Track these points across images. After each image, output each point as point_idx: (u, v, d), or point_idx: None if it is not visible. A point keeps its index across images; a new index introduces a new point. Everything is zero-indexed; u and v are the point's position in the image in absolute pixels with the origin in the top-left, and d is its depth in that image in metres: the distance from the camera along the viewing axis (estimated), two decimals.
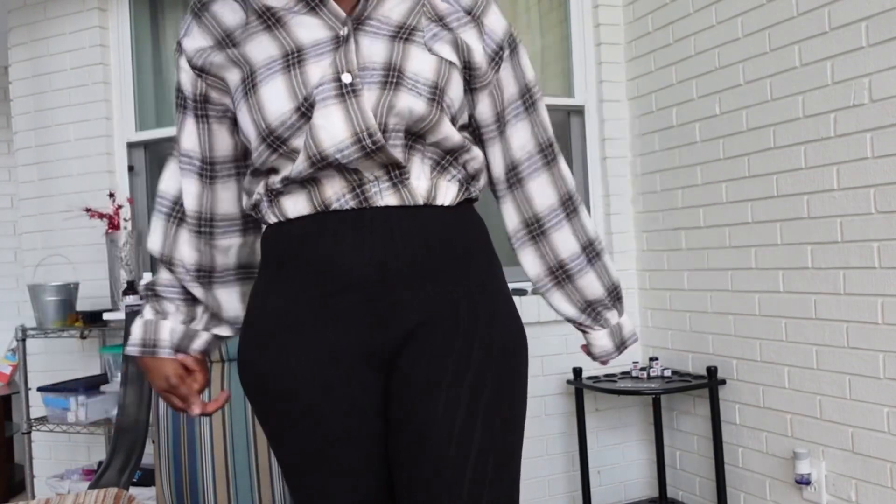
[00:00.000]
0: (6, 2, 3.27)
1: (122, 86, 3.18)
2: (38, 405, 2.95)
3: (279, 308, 1.10)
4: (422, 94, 1.04)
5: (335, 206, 1.06)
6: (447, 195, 1.10)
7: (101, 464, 1.96)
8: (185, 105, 1.17)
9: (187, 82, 1.15)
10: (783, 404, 2.41)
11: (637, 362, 2.85)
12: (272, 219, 1.11)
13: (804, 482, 2.30)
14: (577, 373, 2.80)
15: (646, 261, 2.97)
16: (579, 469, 2.86)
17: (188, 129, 1.17)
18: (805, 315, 2.31)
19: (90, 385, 2.88)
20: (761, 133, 2.42)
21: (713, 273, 2.64)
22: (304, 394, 1.08)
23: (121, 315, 2.76)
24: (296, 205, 1.08)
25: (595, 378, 2.82)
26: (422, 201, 1.07)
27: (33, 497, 2.98)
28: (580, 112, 3.07)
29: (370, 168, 1.05)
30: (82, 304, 3.01)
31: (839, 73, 2.15)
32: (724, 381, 2.60)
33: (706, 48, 2.61)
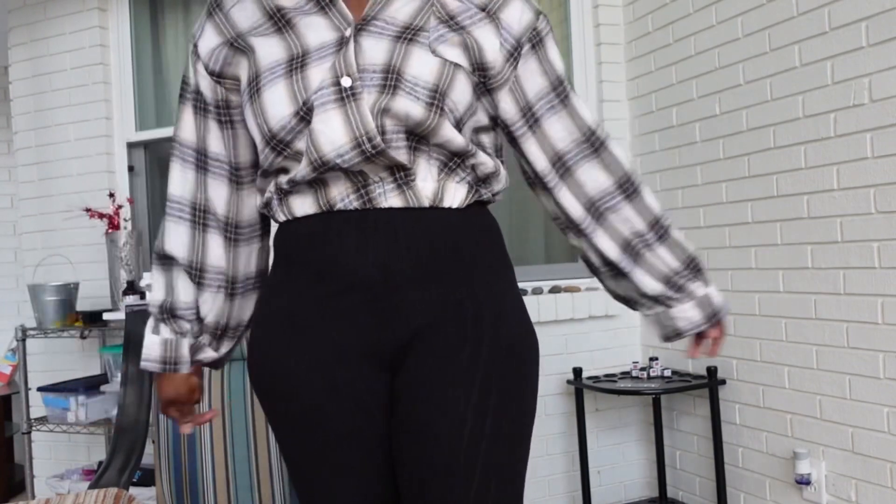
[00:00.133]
0: (6, 2, 3.27)
1: (122, 86, 3.18)
2: (38, 405, 2.95)
3: (285, 307, 1.11)
4: (420, 97, 1.03)
5: (339, 206, 1.06)
6: (455, 197, 1.08)
7: (101, 464, 1.96)
8: (207, 110, 1.16)
9: (207, 88, 1.15)
10: (783, 404, 2.40)
11: (637, 362, 2.85)
12: (281, 217, 1.12)
13: (804, 482, 2.30)
14: (577, 373, 2.80)
15: None
16: (579, 469, 2.86)
17: (213, 134, 1.17)
18: (805, 315, 2.31)
19: (90, 385, 2.88)
20: (761, 133, 2.42)
21: (713, 273, 2.64)
22: (308, 393, 1.08)
23: (121, 315, 2.76)
24: (303, 204, 1.09)
25: (595, 378, 2.82)
26: (427, 203, 1.06)
27: (33, 497, 2.98)
28: None
29: (374, 170, 1.05)
30: (82, 304, 3.01)
31: (839, 73, 2.15)
32: (724, 381, 2.60)
33: (706, 48, 2.61)
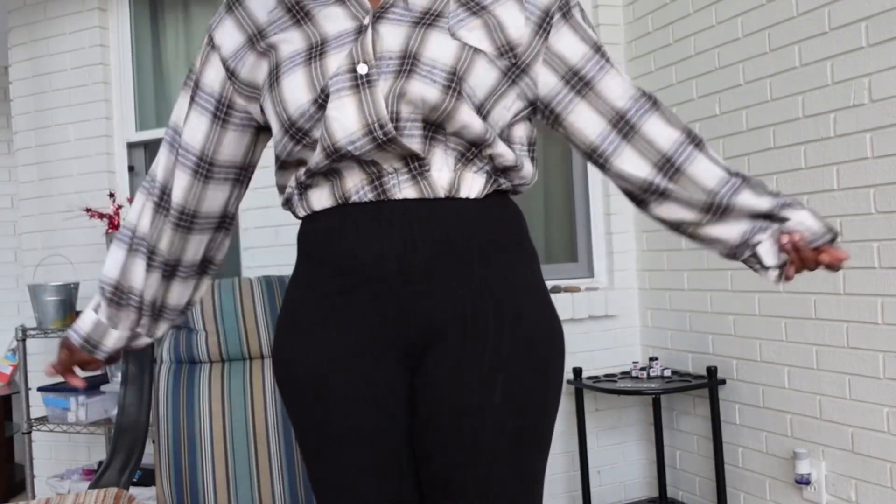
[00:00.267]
0: (6, 2, 3.27)
1: (122, 86, 3.18)
2: (38, 405, 2.96)
3: (306, 302, 1.11)
4: (436, 80, 1.01)
5: (354, 198, 1.05)
6: (472, 187, 1.06)
7: (101, 464, 1.96)
8: (203, 101, 1.16)
9: (214, 80, 1.15)
10: (783, 404, 2.40)
11: (637, 362, 2.85)
12: (301, 212, 1.12)
13: (804, 482, 2.30)
14: (577, 373, 2.80)
15: (646, 261, 2.97)
16: (579, 469, 2.86)
17: (194, 124, 1.16)
18: (805, 315, 2.31)
19: (90, 385, 2.88)
20: (761, 133, 2.42)
21: (713, 273, 2.64)
22: (327, 389, 1.08)
23: None
24: (320, 198, 1.09)
25: (595, 378, 2.82)
26: (443, 194, 1.05)
27: (33, 497, 2.98)
28: None
29: (388, 160, 1.04)
30: (82, 304, 3.01)
31: (839, 73, 2.15)
32: (724, 381, 2.60)
33: (706, 48, 2.61)
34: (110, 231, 2.86)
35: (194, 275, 1.27)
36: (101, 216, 2.86)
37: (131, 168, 3.14)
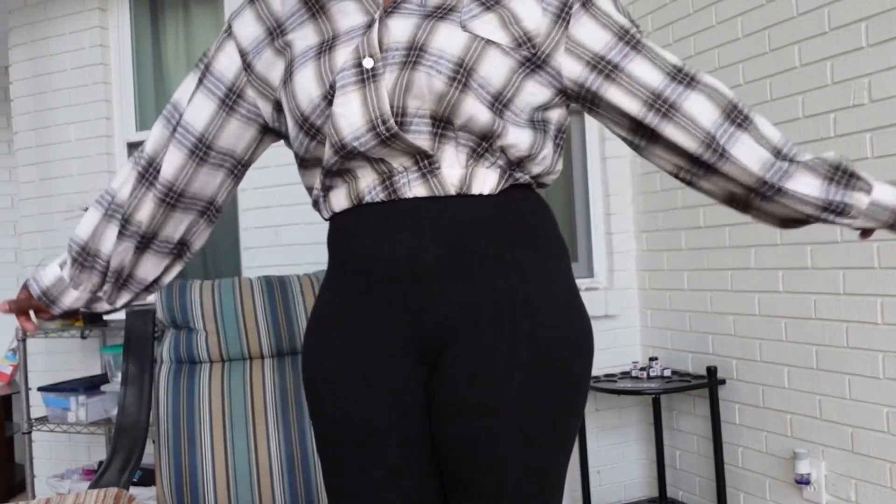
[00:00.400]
0: (6, 2, 3.27)
1: (122, 86, 3.18)
2: (38, 405, 2.96)
3: (327, 304, 1.12)
4: (442, 71, 1.00)
5: (367, 199, 1.05)
6: (485, 183, 1.04)
7: (101, 464, 1.96)
8: (212, 85, 1.16)
9: (229, 68, 1.16)
10: (783, 404, 2.41)
11: (637, 362, 2.85)
12: (325, 214, 1.12)
13: (804, 482, 2.30)
14: None
15: (646, 261, 2.98)
16: (579, 469, 2.86)
17: (199, 106, 1.16)
18: (805, 315, 2.31)
19: (90, 385, 2.88)
20: None
21: (713, 273, 2.64)
22: (345, 388, 1.08)
23: (121, 315, 2.76)
24: (339, 199, 1.09)
25: (595, 378, 2.82)
26: (454, 191, 1.03)
27: (33, 497, 2.99)
28: (580, 112, 3.07)
29: (397, 158, 1.03)
30: None
31: (839, 73, 2.15)
32: (723, 381, 2.60)
33: (706, 48, 2.61)
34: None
35: (168, 253, 1.26)
36: None
37: None
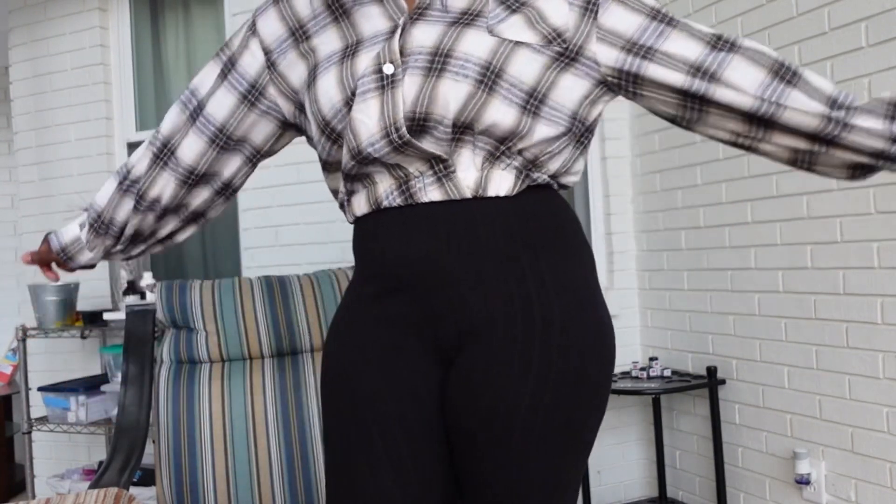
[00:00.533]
0: (6, 2, 3.27)
1: (122, 86, 3.18)
2: (38, 405, 2.96)
3: (348, 307, 1.14)
4: (468, 74, 0.99)
5: (385, 203, 1.06)
6: (501, 185, 1.03)
7: (101, 464, 1.96)
8: (234, 81, 1.18)
9: (252, 65, 1.17)
10: (783, 404, 2.41)
11: (637, 362, 2.85)
12: (349, 218, 1.14)
13: (804, 482, 2.30)
14: None
15: (646, 261, 2.98)
16: None
17: (221, 99, 1.19)
18: (805, 315, 2.31)
19: (90, 385, 2.88)
20: None
21: (713, 273, 2.64)
22: (360, 385, 1.08)
23: (121, 315, 2.76)
24: (360, 204, 1.10)
25: None
26: (469, 194, 1.02)
27: (33, 497, 2.99)
28: None
29: (412, 163, 1.03)
30: (82, 304, 3.02)
31: (839, 73, 2.15)
32: (723, 381, 2.60)
33: None
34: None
35: (183, 219, 1.32)
36: None
37: None
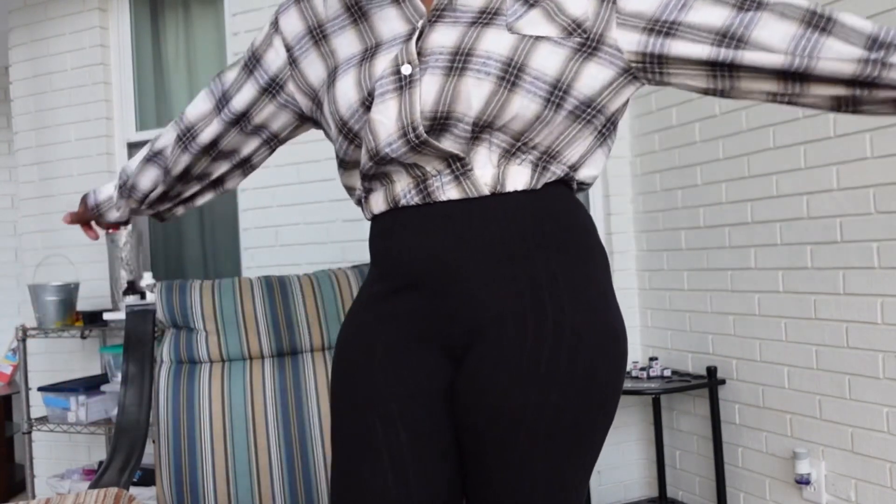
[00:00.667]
0: (6, 2, 3.27)
1: (122, 86, 3.18)
2: (38, 405, 2.96)
3: (362, 303, 1.15)
4: (491, 72, 0.99)
5: (403, 202, 1.07)
6: (518, 180, 1.03)
7: (101, 463, 1.96)
8: (258, 75, 1.23)
9: (275, 61, 1.21)
10: (783, 404, 2.41)
11: (637, 362, 2.85)
12: (367, 216, 1.15)
13: (804, 482, 2.30)
14: None
15: (646, 261, 2.98)
16: None
17: (246, 93, 1.24)
18: (805, 315, 2.31)
19: (90, 385, 2.88)
20: (761, 133, 2.42)
21: (713, 273, 2.64)
22: (369, 373, 1.09)
23: (121, 315, 2.76)
24: (377, 202, 1.11)
25: None
26: (487, 191, 1.03)
27: (33, 497, 2.99)
28: None
29: (429, 162, 1.04)
30: (83, 304, 3.02)
31: None
32: (723, 381, 2.61)
33: None
34: (110, 231, 2.86)
35: (204, 184, 1.40)
36: None
37: None
